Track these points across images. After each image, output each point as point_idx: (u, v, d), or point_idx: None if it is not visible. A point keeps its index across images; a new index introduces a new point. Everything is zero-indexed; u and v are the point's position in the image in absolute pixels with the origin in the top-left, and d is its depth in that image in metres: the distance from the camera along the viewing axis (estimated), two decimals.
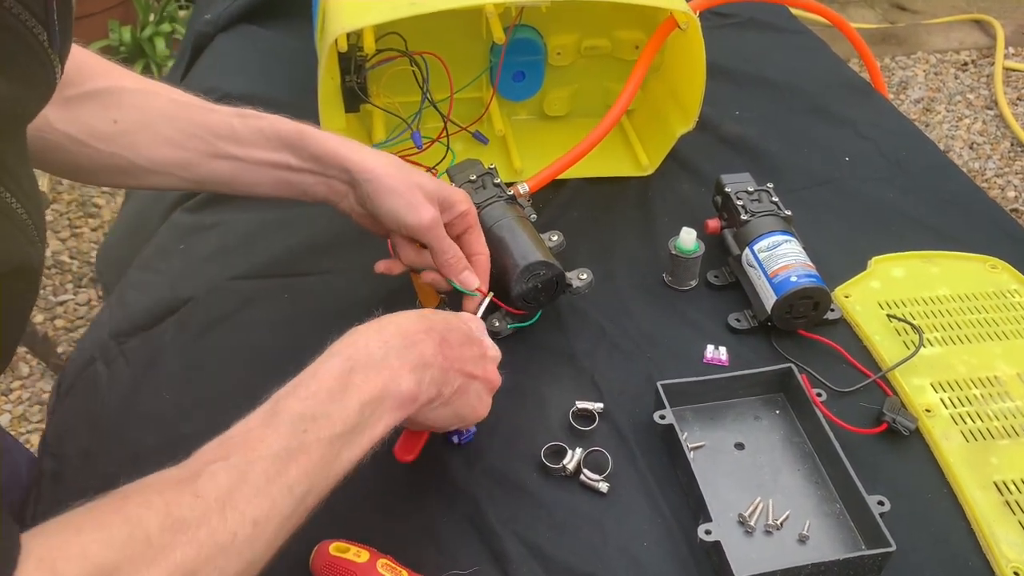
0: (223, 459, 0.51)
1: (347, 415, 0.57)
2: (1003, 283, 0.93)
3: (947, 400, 0.81)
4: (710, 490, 0.71)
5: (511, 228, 0.85)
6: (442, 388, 0.64)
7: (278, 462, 0.53)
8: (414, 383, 0.61)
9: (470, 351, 0.68)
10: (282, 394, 0.57)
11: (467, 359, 0.67)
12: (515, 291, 0.82)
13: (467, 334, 0.69)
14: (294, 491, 0.53)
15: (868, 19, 3.15)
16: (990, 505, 0.73)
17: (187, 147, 0.76)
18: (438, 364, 0.63)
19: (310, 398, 0.57)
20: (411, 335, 0.63)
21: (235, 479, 0.50)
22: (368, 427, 0.58)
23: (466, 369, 0.67)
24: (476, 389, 0.69)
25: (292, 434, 0.54)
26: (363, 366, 0.60)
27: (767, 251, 0.88)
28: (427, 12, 0.89)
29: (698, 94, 1.00)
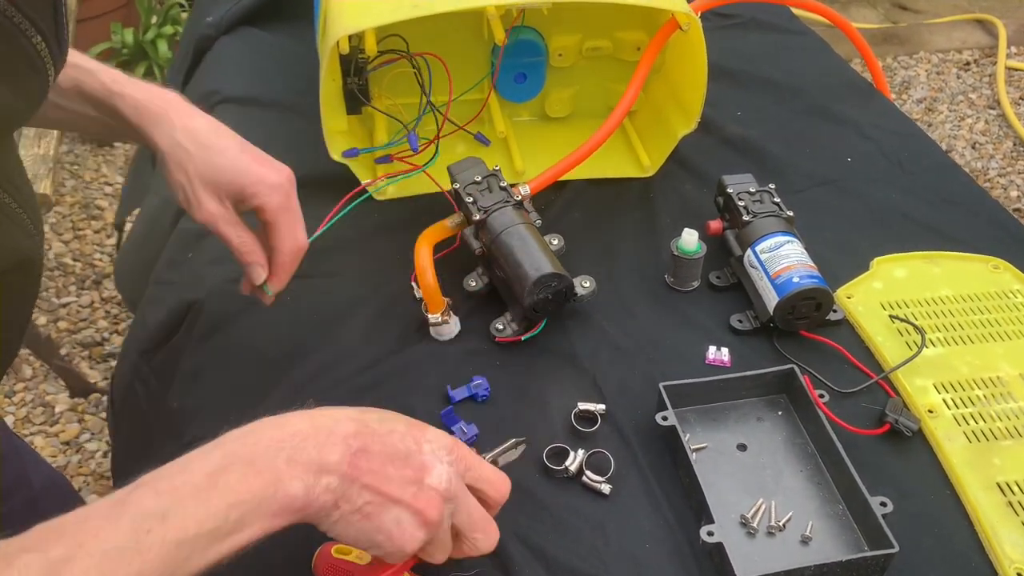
0: (42, 551, 0.46)
1: (206, 516, 0.50)
2: (1005, 283, 0.93)
3: (950, 401, 0.81)
4: (712, 491, 0.71)
5: (521, 236, 0.85)
6: (340, 501, 0.55)
7: (105, 561, 0.47)
8: (302, 488, 0.53)
9: (397, 471, 0.57)
10: (144, 480, 0.51)
11: (388, 478, 0.56)
12: (526, 302, 0.83)
13: (407, 452, 0.58)
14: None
15: (870, 19, 3.15)
16: (993, 506, 0.73)
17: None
18: (340, 472, 0.55)
19: (168, 493, 0.50)
20: (321, 435, 0.55)
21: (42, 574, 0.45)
22: (234, 532, 0.51)
23: (382, 488, 0.56)
24: (395, 515, 0.56)
25: (132, 532, 0.48)
26: (243, 463, 0.52)
27: (769, 252, 0.88)
28: (429, 14, 0.89)
29: (700, 95, 1.00)
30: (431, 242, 0.88)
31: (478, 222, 0.87)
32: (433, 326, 0.86)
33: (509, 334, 0.86)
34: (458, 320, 0.88)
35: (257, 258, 0.78)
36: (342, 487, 0.55)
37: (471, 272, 0.91)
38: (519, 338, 0.86)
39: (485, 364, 0.85)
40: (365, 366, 0.84)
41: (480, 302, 0.90)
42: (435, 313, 0.85)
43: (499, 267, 0.86)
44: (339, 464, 0.55)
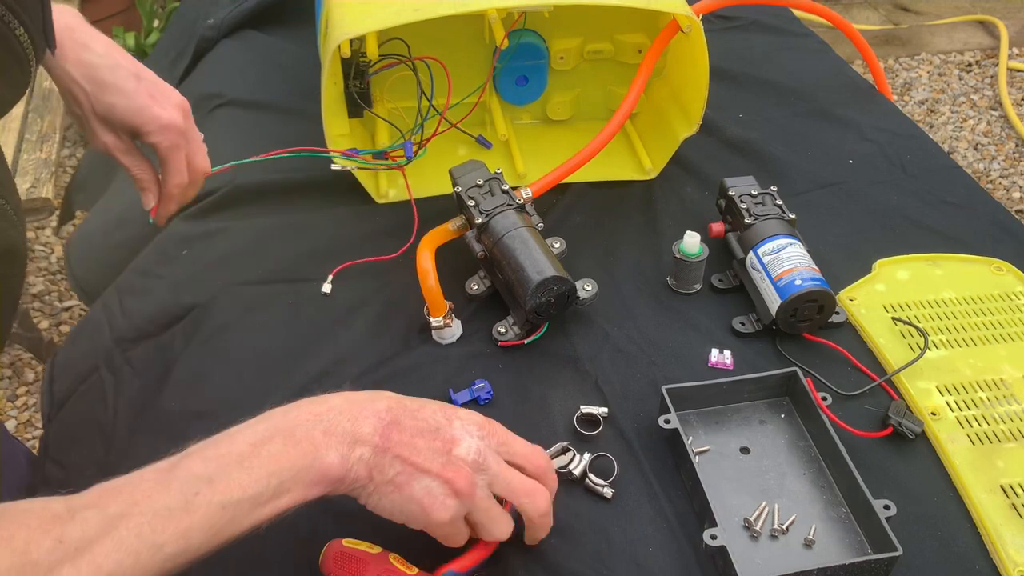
0: (101, 507, 0.51)
1: (249, 482, 0.54)
2: (1008, 285, 0.93)
3: (953, 403, 0.81)
4: (715, 495, 0.70)
5: (523, 240, 0.85)
6: (373, 471, 0.59)
7: (156, 519, 0.51)
8: (338, 458, 0.57)
9: (427, 443, 0.60)
10: (193, 449, 0.56)
11: (418, 448, 0.60)
12: (529, 305, 0.83)
13: (436, 426, 0.61)
14: (164, 550, 0.51)
15: (871, 20, 3.15)
16: (997, 508, 0.72)
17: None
18: (372, 444, 0.58)
19: (215, 460, 0.55)
20: (355, 410, 0.59)
21: (103, 530, 0.50)
22: (274, 498, 0.55)
23: (411, 458, 0.59)
24: (425, 484, 0.59)
25: (181, 494, 0.53)
26: (284, 435, 0.57)
27: (771, 254, 0.87)
28: (430, 18, 0.89)
29: (701, 97, 1.00)
30: (433, 245, 0.88)
31: (480, 225, 0.87)
32: (435, 329, 0.86)
33: (511, 337, 0.86)
34: (460, 323, 0.87)
35: (147, 186, 0.84)
36: (375, 458, 0.58)
37: (473, 275, 0.91)
38: (522, 342, 0.86)
39: (487, 367, 0.85)
40: (367, 369, 0.84)
41: (482, 305, 0.90)
42: (437, 316, 0.85)
43: (501, 270, 0.86)
44: (371, 435, 0.58)
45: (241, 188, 1.04)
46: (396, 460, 0.59)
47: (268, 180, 1.05)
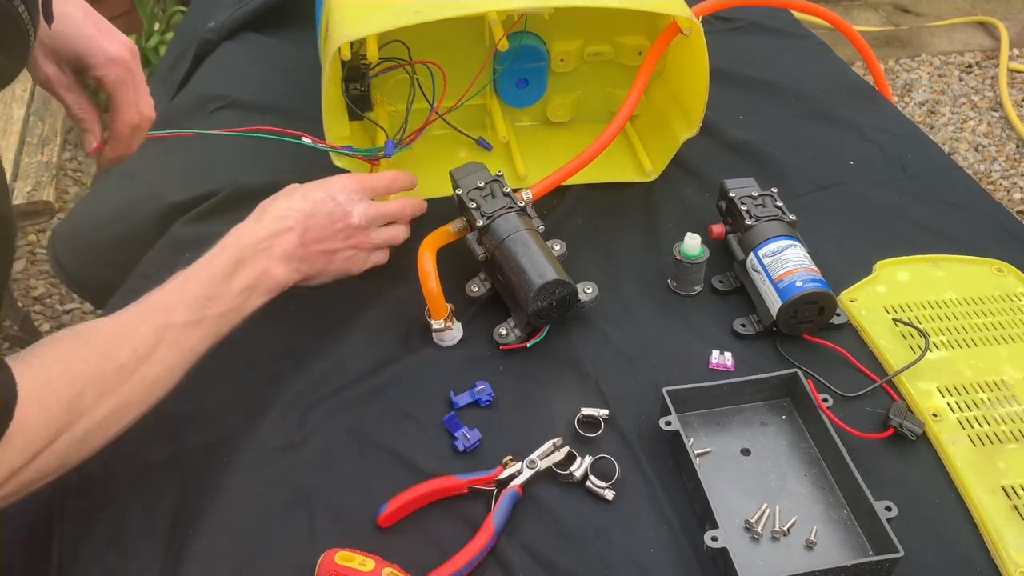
0: (149, 323, 0.69)
1: (232, 297, 0.75)
2: (1009, 286, 0.93)
3: (954, 404, 0.81)
4: (716, 496, 0.70)
5: (525, 243, 0.85)
6: (307, 272, 0.81)
7: (186, 329, 0.71)
8: (284, 273, 0.79)
9: (330, 229, 0.82)
10: (187, 273, 0.74)
11: (326, 239, 0.82)
12: (530, 308, 0.83)
13: (330, 212, 0.82)
14: (195, 351, 0.72)
15: (872, 22, 3.15)
16: (998, 509, 0.72)
17: None
18: (299, 255, 0.80)
19: (208, 282, 0.74)
20: (281, 229, 0.79)
21: (158, 340, 0.69)
22: (246, 307, 0.76)
23: (327, 248, 0.82)
24: (343, 256, 0.84)
25: (195, 310, 0.72)
26: (243, 262, 0.76)
27: (772, 256, 0.87)
28: (430, 20, 0.89)
29: (701, 99, 1.00)
30: (434, 247, 0.88)
31: (481, 228, 0.87)
32: (436, 332, 0.86)
33: (512, 340, 0.86)
34: (461, 326, 0.87)
35: (90, 125, 0.82)
36: (303, 264, 0.81)
37: (473, 278, 0.91)
38: (523, 345, 0.86)
39: (488, 369, 0.85)
40: (368, 372, 0.84)
41: (483, 307, 0.90)
42: (438, 319, 0.85)
43: (502, 273, 0.86)
44: (296, 248, 0.79)
45: (242, 190, 1.03)
46: (317, 256, 0.82)
47: (268, 182, 1.04)
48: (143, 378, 0.67)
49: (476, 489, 0.74)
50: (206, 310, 0.73)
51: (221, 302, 0.74)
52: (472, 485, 0.74)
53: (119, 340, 0.67)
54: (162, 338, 0.69)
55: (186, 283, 0.73)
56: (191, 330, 0.72)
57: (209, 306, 0.73)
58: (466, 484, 0.74)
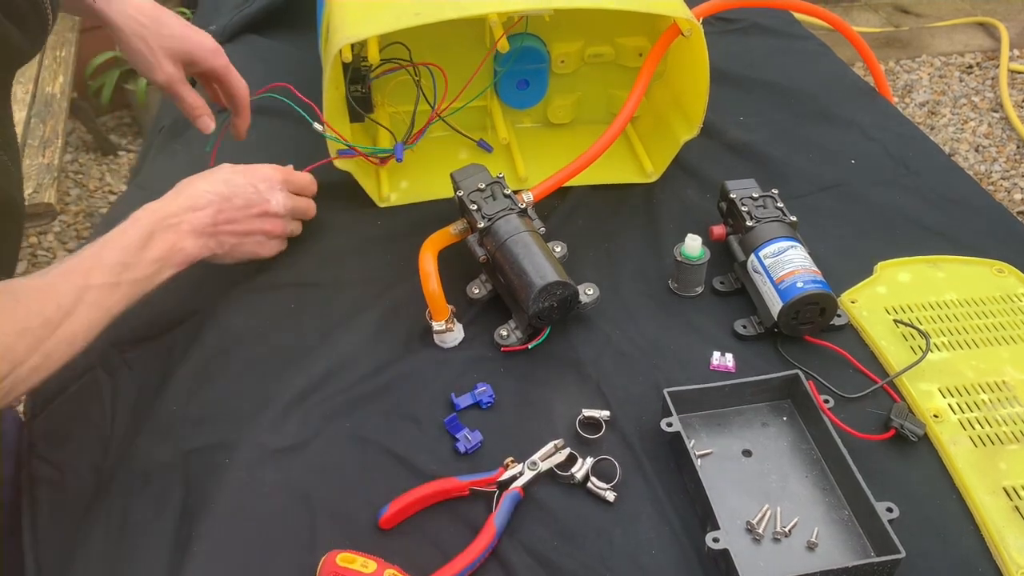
0: (71, 282, 0.73)
1: (146, 265, 0.79)
2: (1010, 287, 0.93)
3: (955, 405, 0.81)
4: (718, 498, 0.70)
5: (526, 244, 0.85)
6: (216, 248, 0.86)
7: (104, 290, 0.75)
8: (193, 248, 0.83)
9: (246, 213, 0.87)
10: (105, 241, 0.78)
11: (240, 220, 0.87)
12: (531, 310, 0.83)
13: (248, 199, 0.87)
14: (111, 311, 0.76)
15: (872, 23, 3.15)
16: (999, 510, 0.72)
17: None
18: (209, 232, 0.84)
19: (123, 249, 0.77)
20: (194, 207, 0.83)
21: (78, 298, 0.73)
22: (157, 277, 0.80)
23: (239, 230, 0.87)
24: (255, 240, 0.90)
25: (113, 273, 0.76)
26: (159, 231, 0.80)
27: (773, 257, 0.87)
28: (431, 22, 0.89)
29: (702, 100, 1.00)
30: (435, 249, 0.88)
31: (482, 230, 0.87)
32: (437, 333, 0.86)
33: (513, 342, 0.86)
34: (462, 327, 0.88)
35: (205, 111, 0.99)
36: (212, 242, 0.85)
37: (474, 279, 0.91)
38: (525, 347, 0.86)
39: (489, 371, 0.85)
40: (369, 373, 0.84)
41: (483, 309, 0.91)
42: (439, 320, 0.85)
43: (503, 275, 0.86)
44: (207, 226, 0.84)
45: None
46: (229, 235, 0.87)
47: None
48: (65, 334, 0.71)
49: (477, 490, 0.74)
50: (122, 275, 0.77)
51: (136, 269, 0.78)
52: (473, 486, 0.74)
53: (45, 297, 0.71)
54: (82, 298, 0.73)
55: (103, 250, 0.77)
56: (109, 292, 0.76)
57: (125, 271, 0.77)
58: (467, 485, 0.74)
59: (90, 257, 0.76)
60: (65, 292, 0.72)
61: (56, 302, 0.71)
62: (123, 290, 0.77)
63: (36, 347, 0.69)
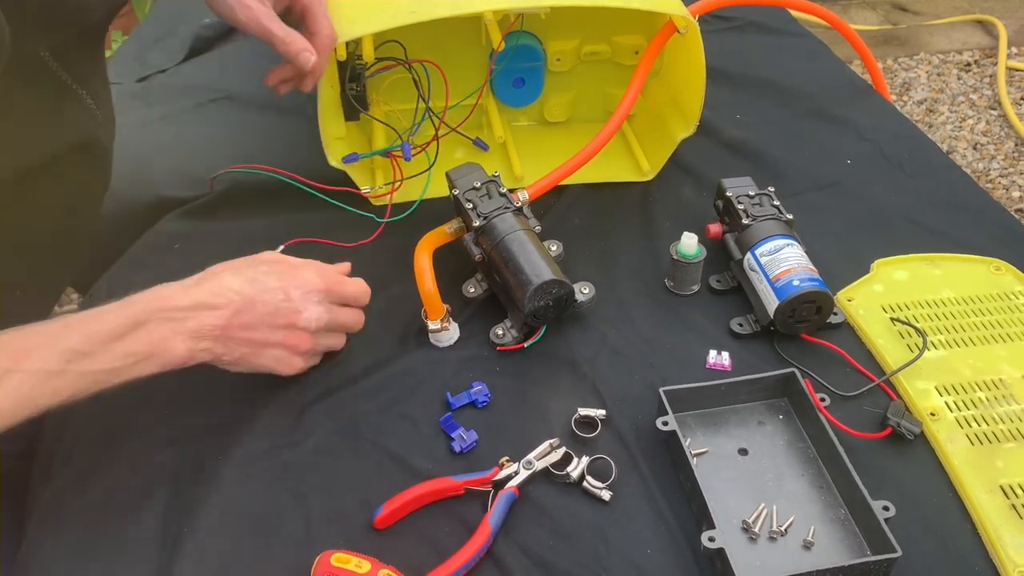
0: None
1: (111, 359, 0.66)
2: (1007, 285, 0.93)
3: (952, 403, 0.80)
4: (713, 496, 0.70)
5: (521, 243, 0.85)
6: (221, 356, 0.73)
7: (34, 378, 0.63)
8: (185, 350, 0.70)
9: (268, 322, 0.74)
10: (74, 319, 0.67)
11: (258, 328, 0.74)
12: (527, 309, 0.82)
13: (276, 307, 0.74)
14: (37, 403, 0.64)
15: (870, 21, 3.15)
16: (996, 509, 0.72)
17: None
18: (214, 336, 0.72)
19: (89, 336, 0.66)
20: (210, 305, 0.71)
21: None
22: (127, 372, 0.68)
23: (254, 338, 0.74)
24: (273, 354, 0.76)
25: (59, 360, 0.64)
26: (154, 321, 0.69)
27: (769, 255, 0.87)
28: (426, 20, 0.89)
29: (698, 98, 0.99)
30: (430, 248, 0.88)
31: (478, 228, 0.87)
32: (432, 332, 0.86)
33: (509, 341, 0.86)
34: (457, 326, 0.87)
35: (304, 45, 0.85)
36: (218, 347, 0.72)
37: (469, 278, 0.90)
38: (520, 345, 0.86)
39: (484, 370, 0.84)
40: (363, 373, 0.84)
41: (479, 308, 0.90)
42: (435, 320, 0.85)
43: (499, 273, 0.85)
44: (212, 330, 0.71)
45: (237, 187, 1.03)
46: (241, 343, 0.73)
47: (264, 182, 1.05)
48: None
49: (473, 490, 0.74)
50: (73, 363, 0.65)
51: (95, 360, 0.66)
52: (469, 486, 0.73)
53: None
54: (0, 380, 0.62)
55: (64, 329, 0.66)
56: (42, 380, 0.64)
57: (79, 360, 0.65)
58: (463, 485, 0.73)
59: (41, 333, 0.65)
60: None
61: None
62: (65, 381, 0.64)
63: None
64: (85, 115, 0.64)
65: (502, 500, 0.72)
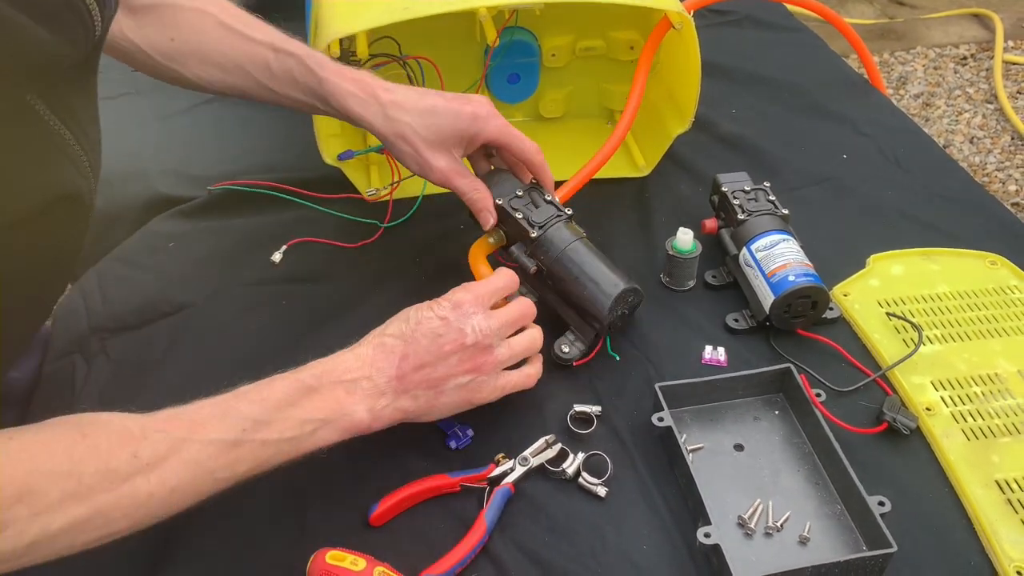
0: (168, 432, 0.59)
1: (287, 427, 0.64)
2: (1003, 279, 0.93)
3: (947, 398, 0.80)
4: (709, 492, 0.70)
5: (588, 253, 0.82)
6: (407, 409, 0.70)
7: (211, 448, 0.60)
8: (366, 412, 0.67)
9: (436, 354, 0.70)
10: (244, 390, 0.65)
11: (429, 364, 0.69)
12: (607, 319, 0.81)
13: (434, 331, 0.70)
14: (215, 475, 0.61)
15: (866, 14, 3.14)
16: (992, 504, 0.72)
17: (231, 74, 0.83)
18: (392, 390, 0.68)
19: (260, 403, 0.64)
20: (366, 367, 0.68)
21: (170, 451, 0.59)
22: (307, 440, 0.65)
23: (431, 378, 0.70)
24: (457, 384, 0.71)
25: (234, 429, 0.62)
26: (323, 388, 0.66)
27: (765, 250, 0.87)
28: (421, 16, 0.88)
29: (694, 94, 0.99)
30: (483, 254, 0.86)
31: (534, 239, 0.83)
32: None
33: (575, 355, 0.83)
34: None
35: (485, 204, 0.84)
36: (399, 400, 0.69)
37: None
38: (587, 359, 0.84)
39: None
40: None
41: None
42: None
43: (563, 285, 0.82)
44: (389, 383, 0.68)
45: (234, 194, 1.03)
46: (419, 388, 0.69)
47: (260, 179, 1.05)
48: (134, 492, 0.57)
49: (468, 487, 0.73)
50: (248, 433, 0.62)
51: (272, 428, 0.63)
52: (464, 483, 0.73)
53: (121, 441, 0.58)
54: (177, 451, 0.59)
55: (235, 400, 0.64)
56: (219, 451, 0.61)
57: (255, 429, 0.63)
58: (458, 482, 0.73)
59: (214, 404, 0.63)
60: (155, 440, 0.58)
61: (134, 449, 0.57)
62: (243, 452, 0.62)
63: (80, 499, 0.55)
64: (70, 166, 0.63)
65: (498, 497, 0.72)
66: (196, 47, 0.83)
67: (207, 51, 0.83)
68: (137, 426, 0.59)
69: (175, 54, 0.82)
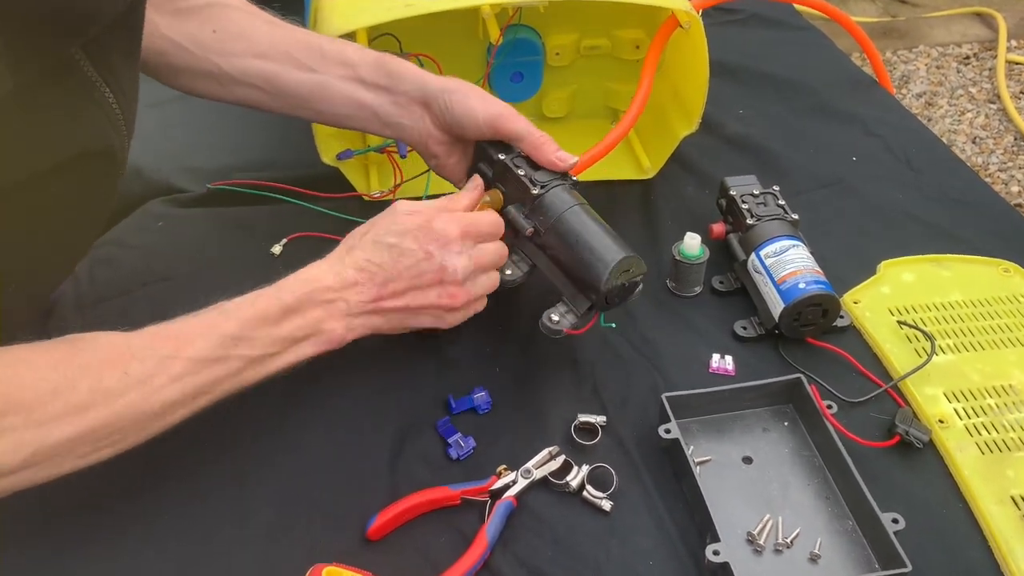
0: (155, 349, 0.63)
1: (270, 342, 0.67)
2: (1016, 287, 0.91)
3: (961, 410, 0.78)
4: (717, 507, 0.68)
5: (590, 217, 0.78)
6: (379, 327, 0.74)
7: (197, 364, 0.64)
8: (342, 329, 0.71)
9: (415, 284, 0.73)
10: (228, 307, 0.67)
11: (409, 294, 0.73)
12: (604, 287, 0.75)
13: (419, 266, 0.73)
14: (205, 392, 0.65)
15: (869, 13, 3.12)
16: (1007, 520, 0.70)
17: (274, 59, 0.83)
18: (369, 310, 0.72)
19: (244, 321, 0.67)
20: (353, 281, 0.71)
21: (158, 368, 0.62)
22: (287, 355, 0.69)
23: (408, 304, 0.74)
24: (430, 315, 0.75)
25: (218, 347, 0.65)
26: (304, 306, 0.69)
27: (774, 257, 0.85)
28: (422, 13, 0.86)
29: (701, 95, 0.97)
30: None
31: (535, 197, 0.78)
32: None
33: (566, 325, 0.77)
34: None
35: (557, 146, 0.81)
36: (373, 320, 0.73)
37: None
38: (580, 331, 0.78)
39: (485, 373, 0.82)
40: (362, 371, 0.81)
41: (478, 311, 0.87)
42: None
43: (561, 248, 0.77)
44: (364, 306, 0.72)
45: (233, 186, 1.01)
46: (393, 312, 0.73)
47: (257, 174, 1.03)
48: (127, 407, 0.61)
49: (469, 500, 0.72)
50: (232, 349, 0.65)
51: (255, 344, 0.67)
52: (465, 495, 0.71)
53: (112, 359, 0.61)
54: (165, 369, 0.62)
55: (219, 317, 0.67)
56: (205, 367, 0.64)
57: (237, 346, 0.66)
58: (459, 495, 0.71)
59: (198, 322, 0.66)
60: (143, 358, 0.62)
61: (125, 367, 0.61)
62: (228, 367, 0.65)
63: (77, 414, 0.59)
64: (105, 122, 0.65)
65: (500, 510, 0.70)
66: (241, 35, 0.83)
67: (253, 39, 0.83)
68: (125, 344, 0.63)
69: (216, 44, 0.82)
